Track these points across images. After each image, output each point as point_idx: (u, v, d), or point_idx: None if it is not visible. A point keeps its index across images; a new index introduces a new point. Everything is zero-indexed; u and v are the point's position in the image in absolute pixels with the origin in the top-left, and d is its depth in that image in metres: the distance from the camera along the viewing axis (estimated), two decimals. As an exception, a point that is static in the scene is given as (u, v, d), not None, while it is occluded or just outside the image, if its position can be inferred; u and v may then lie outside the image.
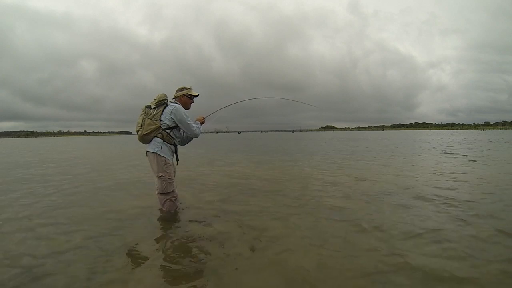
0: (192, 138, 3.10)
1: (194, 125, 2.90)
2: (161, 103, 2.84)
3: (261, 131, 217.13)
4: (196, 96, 3.06)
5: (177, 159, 3.03)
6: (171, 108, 2.80)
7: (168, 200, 2.87)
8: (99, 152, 14.39)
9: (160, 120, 2.78)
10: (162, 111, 2.80)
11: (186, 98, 3.00)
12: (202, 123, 3.13)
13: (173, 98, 3.00)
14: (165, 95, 2.90)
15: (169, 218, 2.84)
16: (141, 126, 2.81)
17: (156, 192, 2.91)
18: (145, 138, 2.83)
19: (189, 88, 3.02)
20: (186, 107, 2.99)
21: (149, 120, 2.80)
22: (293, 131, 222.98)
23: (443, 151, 10.10)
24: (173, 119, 2.79)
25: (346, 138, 27.95)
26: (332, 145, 16.46)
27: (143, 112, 2.85)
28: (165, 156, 2.78)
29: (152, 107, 2.84)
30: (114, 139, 57.28)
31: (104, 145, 24.90)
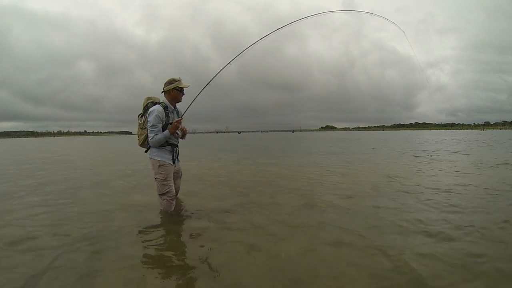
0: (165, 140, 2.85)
1: (151, 134, 2.72)
2: (145, 108, 2.87)
3: (261, 131, 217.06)
4: (187, 87, 2.89)
5: (177, 159, 3.02)
6: (147, 115, 2.78)
7: (165, 200, 2.93)
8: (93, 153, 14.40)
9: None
10: (146, 117, 2.83)
11: (176, 92, 2.85)
12: (177, 128, 2.80)
13: (162, 92, 2.87)
14: (150, 98, 2.90)
15: (166, 217, 2.88)
16: (138, 137, 2.94)
17: (157, 193, 2.97)
18: (143, 146, 2.94)
19: (178, 80, 2.83)
20: (177, 100, 2.90)
21: (140, 130, 2.89)
22: (293, 131, 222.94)
23: (429, 155, 9.34)
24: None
25: (339, 139, 27.91)
26: (327, 146, 16.50)
27: (138, 122, 2.94)
28: (159, 159, 2.83)
29: (140, 115, 2.91)
30: (114, 139, 57.26)
31: (104, 145, 24.88)
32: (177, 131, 2.87)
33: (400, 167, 6.37)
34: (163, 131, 2.78)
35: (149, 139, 2.76)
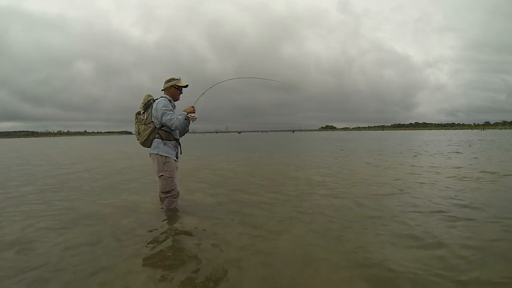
0: (186, 126, 2.92)
1: (170, 113, 2.74)
2: (148, 104, 2.85)
3: (261, 131, 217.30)
4: (185, 86, 2.95)
5: (180, 152, 3.02)
6: (154, 106, 2.79)
7: (168, 198, 2.93)
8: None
9: (152, 122, 2.81)
10: (150, 112, 2.82)
11: (174, 90, 2.90)
12: (190, 112, 2.87)
13: (162, 90, 2.93)
14: (150, 95, 2.90)
15: (165, 215, 2.90)
16: (139, 134, 2.88)
17: (159, 191, 2.97)
18: (146, 144, 2.88)
19: (177, 79, 2.91)
20: (175, 98, 2.93)
21: (143, 125, 2.84)
22: (293, 131, 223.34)
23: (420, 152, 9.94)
24: (156, 117, 2.77)
25: (332, 139, 27.91)
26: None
27: (136, 120, 2.90)
28: (166, 155, 2.80)
29: (142, 112, 2.87)
30: (115, 139, 57.26)
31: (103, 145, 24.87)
32: (190, 115, 2.85)
33: (364, 171, 6.19)
34: None
35: (172, 120, 2.71)
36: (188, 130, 3.07)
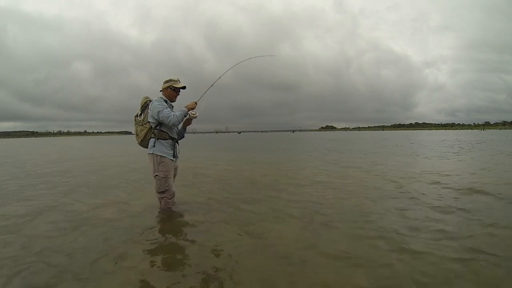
0: (183, 123, 2.98)
1: (166, 110, 2.72)
2: (144, 106, 2.89)
3: (261, 131, 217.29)
4: (182, 88, 2.92)
5: (178, 151, 3.03)
6: (149, 106, 2.82)
7: (164, 199, 2.95)
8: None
9: (149, 122, 2.84)
10: (147, 113, 2.86)
11: (170, 91, 2.88)
12: (191, 109, 2.91)
13: (160, 90, 2.93)
14: (147, 97, 2.93)
15: (161, 214, 2.93)
16: (137, 135, 2.93)
17: (155, 191, 2.99)
18: (143, 144, 2.93)
19: (174, 80, 2.89)
20: (171, 99, 2.92)
21: (140, 126, 2.89)
22: (293, 131, 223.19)
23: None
24: (152, 115, 2.79)
25: (327, 140, 27.91)
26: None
27: (135, 122, 2.95)
28: (161, 154, 2.82)
29: (139, 114, 2.91)
30: (118, 139, 57.19)
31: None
32: (191, 112, 2.89)
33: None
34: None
35: (170, 117, 2.70)
36: (185, 133, 3.11)
